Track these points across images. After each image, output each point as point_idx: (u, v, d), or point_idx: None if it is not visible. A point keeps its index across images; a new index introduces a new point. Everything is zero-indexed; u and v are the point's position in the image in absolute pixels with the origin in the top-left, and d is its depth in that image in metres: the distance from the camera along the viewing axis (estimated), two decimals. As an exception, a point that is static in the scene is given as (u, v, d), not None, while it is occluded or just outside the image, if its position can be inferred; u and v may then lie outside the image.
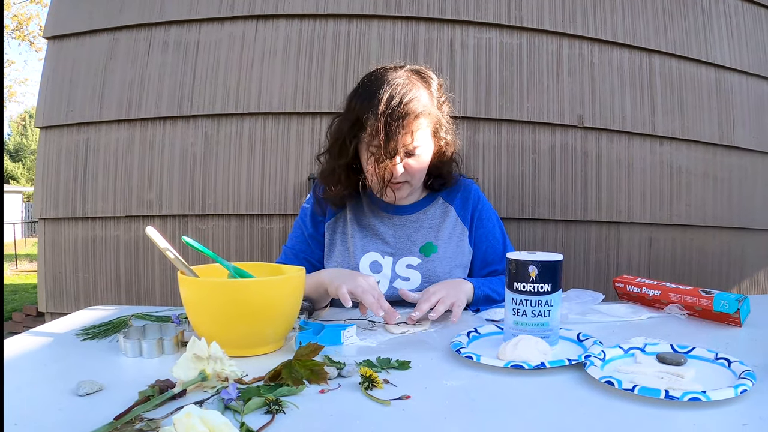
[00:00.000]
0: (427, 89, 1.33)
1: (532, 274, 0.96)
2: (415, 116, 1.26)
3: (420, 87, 1.31)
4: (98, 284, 2.16)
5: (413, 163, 1.32)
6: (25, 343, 1.05)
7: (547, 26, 2.12)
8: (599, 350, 0.89)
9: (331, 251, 1.43)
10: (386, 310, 1.12)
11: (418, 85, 1.31)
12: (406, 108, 1.24)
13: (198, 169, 2.09)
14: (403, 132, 1.25)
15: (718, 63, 2.28)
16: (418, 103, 1.27)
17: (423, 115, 1.28)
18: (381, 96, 1.25)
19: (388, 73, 1.30)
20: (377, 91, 1.26)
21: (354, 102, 1.31)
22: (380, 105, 1.24)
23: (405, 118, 1.24)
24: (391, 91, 1.25)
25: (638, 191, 2.21)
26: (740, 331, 1.10)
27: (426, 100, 1.30)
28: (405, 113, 1.24)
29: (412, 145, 1.28)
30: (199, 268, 1.09)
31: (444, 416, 0.70)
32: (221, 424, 0.60)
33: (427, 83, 1.35)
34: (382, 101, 1.24)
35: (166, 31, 2.11)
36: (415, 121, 1.26)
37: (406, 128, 1.25)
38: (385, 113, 1.23)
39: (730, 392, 0.70)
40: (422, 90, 1.31)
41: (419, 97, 1.28)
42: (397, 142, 1.25)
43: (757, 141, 2.36)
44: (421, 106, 1.27)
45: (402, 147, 1.27)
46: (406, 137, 1.26)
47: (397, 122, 1.23)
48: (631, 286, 1.35)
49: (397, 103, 1.24)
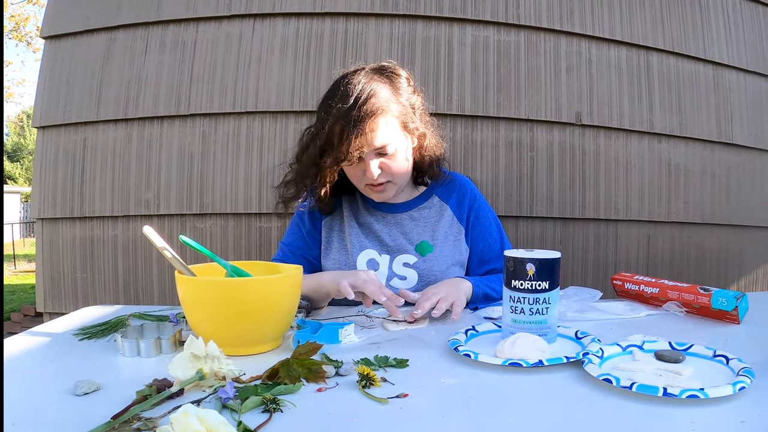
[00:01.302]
0: (388, 85, 1.31)
1: (529, 271, 0.96)
2: (374, 115, 1.24)
3: (379, 84, 1.29)
4: (96, 284, 2.15)
5: (389, 162, 1.30)
6: (24, 343, 1.05)
7: (545, 24, 2.12)
8: (597, 348, 0.89)
9: (329, 249, 1.44)
10: (389, 297, 1.12)
11: (377, 84, 1.28)
12: (362, 110, 1.23)
13: (196, 168, 2.09)
14: (363, 134, 1.23)
15: (716, 60, 2.28)
16: (376, 102, 1.25)
17: (383, 113, 1.26)
18: (337, 103, 1.24)
19: (347, 78, 1.29)
20: (334, 98, 1.25)
21: (319, 111, 1.31)
22: (337, 111, 1.23)
23: (363, 121, 1.23)
24: (347, 92, 1.24)
25: (636, 189, 2.21)
26: (738, 329, 1.10)
27: (386, 96, 1.28)
28: (362, 115, 1.23)
29: (379, 143, 1.26)
30: (196, 267, 1.09)
31: (442, 414, 0.70)
32: (218, 423, 0.59)
33: (389, 79, 1.33)
34: (340, 107, 1.23)
35: (163, 30, 2.11)
36: (375, 119, 1.25)
37: (365, 129, 1.23)
38: (342, 118, 1.23)
39: (728, 389, 0.70)
40: (381, 86, 1.28)
41: (377, 95, 1.26)
42: (360, 145, 1.24)
43: (755, 138, 2.36)
44: (379, 104, 1.25)
45: (367, 148, 1.25)
46: (367, 137, 1.24)
47: (356, 126, 1.22)
48: (630, 283, 1.35)
49: (353, 106, 1.22)
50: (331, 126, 1.24)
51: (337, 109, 1.24)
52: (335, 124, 1.24)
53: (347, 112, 1.23)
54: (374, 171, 1.29)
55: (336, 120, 1.24)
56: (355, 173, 1.32)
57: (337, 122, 1.23)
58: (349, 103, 1.23)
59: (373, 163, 1.28)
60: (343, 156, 1.24)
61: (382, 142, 1.27)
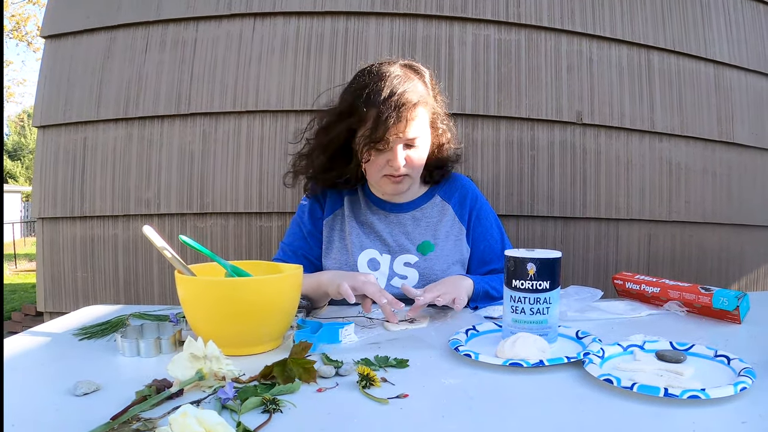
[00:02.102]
0: (421, 81, 1.34)
1: (530, 271, 0.96)
2: (413, 105, 1.26)
3: (414, 78, 1.32)
4: (97, 283, 2.15)
5: (413, 155, 1.32)
6: (24, 343, 1.05)
7: (546, 23, 2.12)
8: (598, 348, 0.89)
9: (330, 248, 1.43)
10: (389, 300, 1.12)
11: (412, 77, 1.31)
12: (403, 98, 1.24)
13: (196, 167, 2.09)
14: (401, 122, 1.25)
15: (717, 59, 2.28)
16: (415, 93, 1.28)
17: (420, 105, 1.29)
18: (378, 87, 1.25)
19: (383, 67, 1.31)
20: (374, 83, 1.26)
21: (348, 95, 1.31)
22: (378, 95, 1.24)
23: (402, 108, 1.24)
24: (388, 82, 1.26)
25: (637, 188, 2.20)
26: (740, 328, 1.10)
27: (422, 91, 1.32)
28: (402, 102, 1.24)
29: (411, 134, 1.28)
30: (196, 266, 1.09)
31: (442, 414, 0.70)
32: (217, 423, 0.59)
33: (421, 75, 1.36)
34: (380, 92, 1.24)
35: (164, 29, 2.11)
36: (413, 110, 1.27)
37: (403, 117, 1.25)
38: (383, 103, 1.24)
39: (729, 390, 0.70)
40: (417, 81, 1.32)
41: (415, 87, 1.29)
42: (396, 132, 1.25)
43: (756, 137, 2.36)
44: (418, 96, 1.28)
45: (401, 137, 1.27)
46: (403, 126, 1.26)
47: (395, 112, 1.23)
48: (630, 283, 1.35)
49: (395, 93, 1.24)
50: (367, 110, 1.25)
51: (375, 94, 1.24)
52: (371, 108, 1.25)
53: (387, 98, 1.24)
54: (401, 161, 1.30)
55: (373, 104, 1.24)
56: (377, 161, 1.32)
57: (374, 107, 1.24)
58: (389, 90, 1.24)
59: (400, 152, 1.30)
60: (378, 140, 1.25)
61: (415, 134, 1.29)
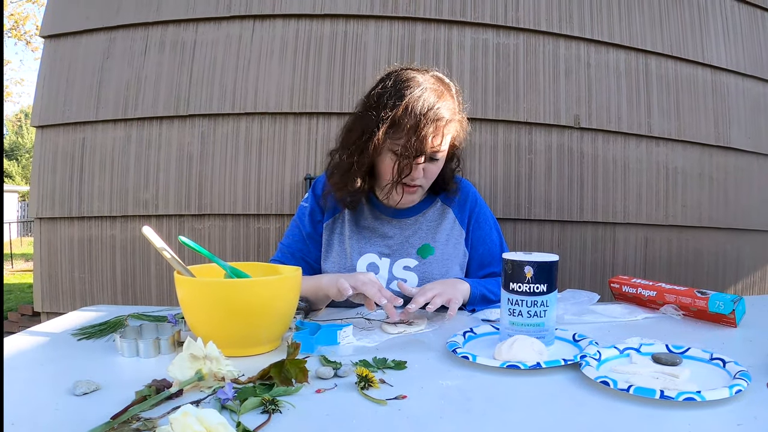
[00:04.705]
0: (451, 96, 1.34)
1: (527, 274, 0.96)
2: (448, 121, 1.29)
3: (446, 93, 1.32)
4: (94, 284, 2.15)
5: (432, 168, 1.34)
6: (21, 343, 1.05)
7: (544, 27, 2.13)
8: (595, 350, 0.89)
9: (329, 252, 1.43)
10: (389, 298, 1.12)
11: (445, 92, 1.32)
12: (439, 111, 1.26)
13: (194, 168, 2.09)
14: (435, 134, 1.26)
15: (714, 64, 2.29)
16: (449, 110, 1.30)
17: (453, 122, 1.31)
18: (418, 96, 1.26)
19: (418, 75, 1.31)
20: (412, 91, 1.27)
21: (385, 99, 1.29)
22: (418, 104, 1.25)
23: (439, 121, 1.26)
24: (427, 93, 1.27)
25: (634, 192, 2.21)
26: (735, 332, 1.11)
27: (454, 108, 1.33)
28: (439, 116, 1.26)
29: (439, 148, 1.30)
30: (195, 267, 1.09)
31: (440, 416, 0.70)
32: (218, 423, 0.60)
33: (450, 90, 1.35)
34: (421, 101, 1.25)
35: (163, 30, 2.11)
36: (447, 125, 1.29)
37: (438, 131, 1.27)
38: (422, 113, 1.24)
39: (725, 392, 0.71)
40: (449, 97, 1.33)
41: (449, 104, 1.31)
42: (431, 143, 1.27)
43: (753, 142, 2.37)
44: (451, 113, 1.30)
45: (430, 149, 1.28)
46: (436, 139, 1.27)
47: (432, 124, 1.25)
48: (627, 286, 1.36)
49: (432, 106, 1.25)
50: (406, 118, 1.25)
51: (415, 104, 1.24)
52: (409, 117, 1.24)
53: (427, 110, 1.25)
54: (420, 172, 1.31)
55: (410, 114, 1.24)
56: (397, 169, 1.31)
57: (413, 116, 1.24)
58: (427, 102, 1.25)
59: (423, 165, 1.31)
60: (416, 151, 1.26)
61: (443, 149, 1.31)
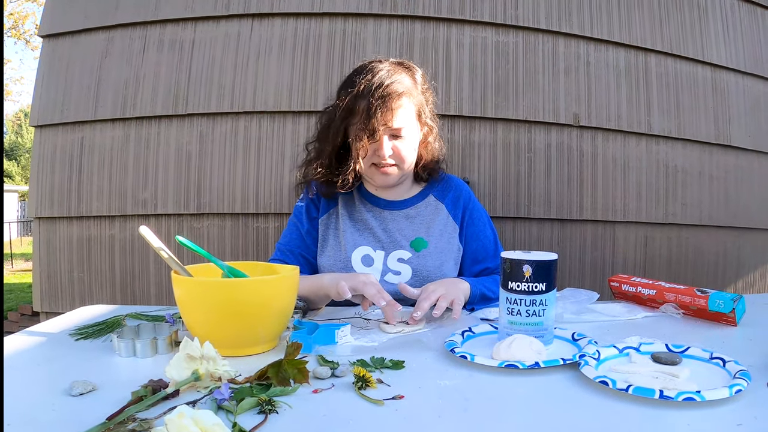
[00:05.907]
0: (409, 76, 1.41)
1: (526, 273, 0.96)
2: (398, 95, 1.33)
3: (402, 73, 1.39)
4: (93, 283, 2.15)
5: (400, 146, 1.38)
6: (20, 343, 1.05)
7: (543, 25, 2.12)
8: (594, 350, 0.89)
9: (324, 246, 1.46)
10: (388, 301, 1.12)
11: (400, 71, 1.38)
12: (388, 88, 1.32)
13: (193, 168, 2.09)
14: (386, 110, 1.31)
15: (714, 62, 2.28)
16: (400, 85, 1.35)
17: (405, 95, 1.35)
18: (365, 79, 1.33)
19: (372, 64, 1.39)
20: (362, 77, 1.35)
21: (341, 91, 1.38)
22: (363, 86, 1.32)
23: (387, 97, 1.32)
24: (375, 74, 1.34)
25: (634, 190, 2.21)
26: (735, 331, 1.10)
27: (408, 83, 1.38)
28: (388, 93, 1.32)
29: (397, 124, 1.34)
30: (193, 267, 1.09)
31: (438, 416, 0.70)
32: (213, 424, 0.59)
33: (411, 71, 1.43)
34: (366, 83, 1.33)
35: (162, 29, 2.11)
36: (398, 99, 1.33)
37: (388, 106, 1.32)
38: (368, 93, 1.31)
39: (724, 392, 0.70)
40: (404, 75, 1.39)
41: (401, 80, 1.36)
42: (382, 119, 1.31)
43: (753, 140, 2.36)
44: (403, 87, 1.35)
45: (386, 125, 1.33)
46: (388, 115, 1.32)
47: (380, 101, 1.31)
48: (627, 285, 1.35)
49: (380, 84, 1.32)
50: (358, 103, 1.33)
51: (365, 87, 1.32)
52: (361, 101, 1.32)
53: (375, 89, 1.31)
54: (387, 150, 1.36)
55: (363, 96, 1.32)
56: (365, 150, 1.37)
57: (364, 98, 1.32)
58: (376, 82, 1.32)
59: (386, 142, 1.36)
60: (368, 130, 1.32)
61: (400, 124, 1.35)
